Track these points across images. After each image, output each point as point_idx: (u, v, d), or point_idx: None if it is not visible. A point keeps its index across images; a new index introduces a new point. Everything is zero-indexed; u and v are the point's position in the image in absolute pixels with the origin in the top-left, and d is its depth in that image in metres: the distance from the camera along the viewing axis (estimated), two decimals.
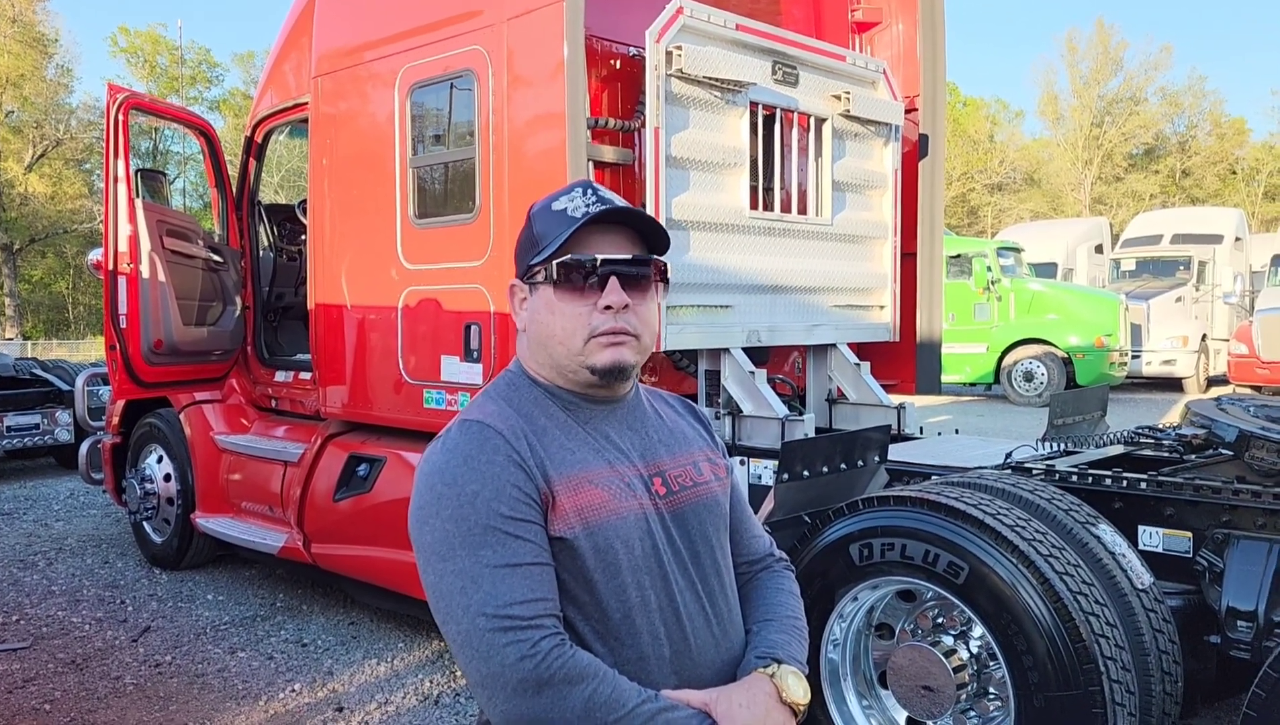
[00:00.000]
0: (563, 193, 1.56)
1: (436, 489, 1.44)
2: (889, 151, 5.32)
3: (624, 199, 1.59)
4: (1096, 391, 5.05)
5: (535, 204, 1.61)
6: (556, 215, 1.53)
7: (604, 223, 1.52)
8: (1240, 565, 3.03)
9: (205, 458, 6.12)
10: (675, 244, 4.30)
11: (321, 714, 4.30)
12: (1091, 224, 24.00)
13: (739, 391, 4.52)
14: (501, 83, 4.30)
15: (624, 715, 1.35)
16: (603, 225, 1.52)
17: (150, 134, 42.73)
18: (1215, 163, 49.20)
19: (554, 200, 1.56)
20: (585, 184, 1.56)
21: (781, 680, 1.51)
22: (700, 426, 1.75)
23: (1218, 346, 17.91)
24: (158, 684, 4.62)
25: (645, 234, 1.57)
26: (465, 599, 1.38)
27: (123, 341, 5.39)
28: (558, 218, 1.53)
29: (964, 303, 15.92)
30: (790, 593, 1.73)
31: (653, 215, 4.15)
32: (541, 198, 1.61)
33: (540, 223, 1.56)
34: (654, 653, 1.47)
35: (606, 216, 1.51)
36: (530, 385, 1.58)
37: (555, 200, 1.56)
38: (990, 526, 2.92)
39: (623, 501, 1.49)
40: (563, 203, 1.54)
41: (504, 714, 1.36)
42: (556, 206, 1.54)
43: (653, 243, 1.57)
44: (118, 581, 6.29)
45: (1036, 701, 2.81)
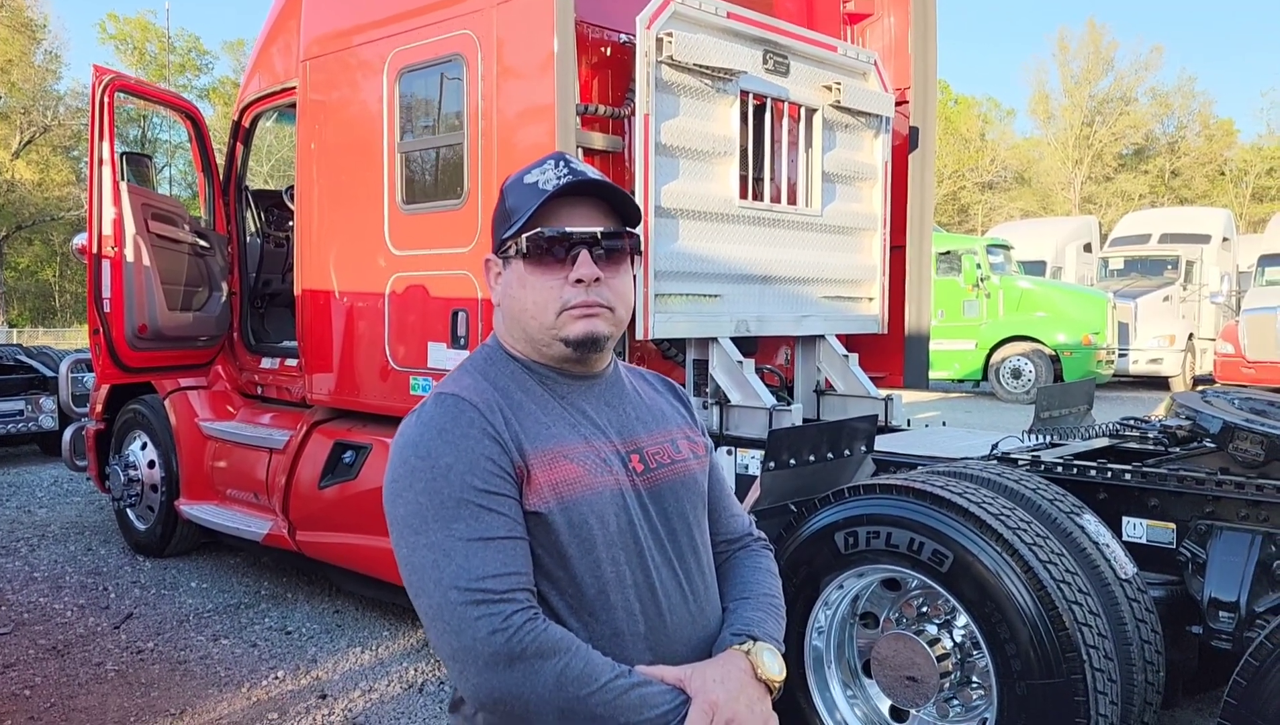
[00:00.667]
0: (535, 165, 1.55)
1: (410, 462, 1.43)
2: (879, 143, 5.32)
3: (597, 171, 1.57)
4: (1083, 385, 5.06)
5: (508, 177, 1.59)
6: (528, 188, 1.52)
7: (575, 195, 1.51)
8: (1222, 556, 3.04)
9: (190, 444, 6.08)
10: (664, 232, 4.29)
11: (305, 701, 4.28)
12: (1080, 223, 24.07)
13: (727, 381, 4.51)
14: (491, 68, 4.28)
15: (596, 689, 1.34)
16: (574, 197, 1.51)
17: (139, 121, 42.47)
18: (1204, 164, 49.37)
19: (526, 173, 1.55)
20: (558, 156, 1.55)
21: (757, 657, 1.50)
22: (680, 405, 1.74)
23: (1204, 346, 17.98)
24: (139, 670, 4.59)
25: (617, 206, 1.55)
26: (437, 572, 1.36)
27: (106, 326, 5.35)
28: (529, 190, 1.51)
29: (953, 299, 15.94)
30: (768, 571, 1.72)
31: (642, 200, 4.16)
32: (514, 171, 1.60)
33: (512, 196, 1.54)
34: (629, 628, 1.47)
35: (576, 189, 1.50)
36: (507, 360, 1.57)
37: (527, 173, 1.54)
38: (975, 515, 2.92)
39: (598, 477, 1.48)
40: (534, 175, 1.52)
41: (475, 688, 1.35)
42: (528, 179, 1.53)
43: (625, 215, 1.56)
44: (100, 568, 6.25)
45: (1019, 689, 2.81)
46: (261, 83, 5.89)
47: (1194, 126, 50.59)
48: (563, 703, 1.33)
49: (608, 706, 1.35)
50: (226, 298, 6.04)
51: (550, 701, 1.33)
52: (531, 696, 1.33)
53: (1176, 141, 50.27)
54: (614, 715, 1.35)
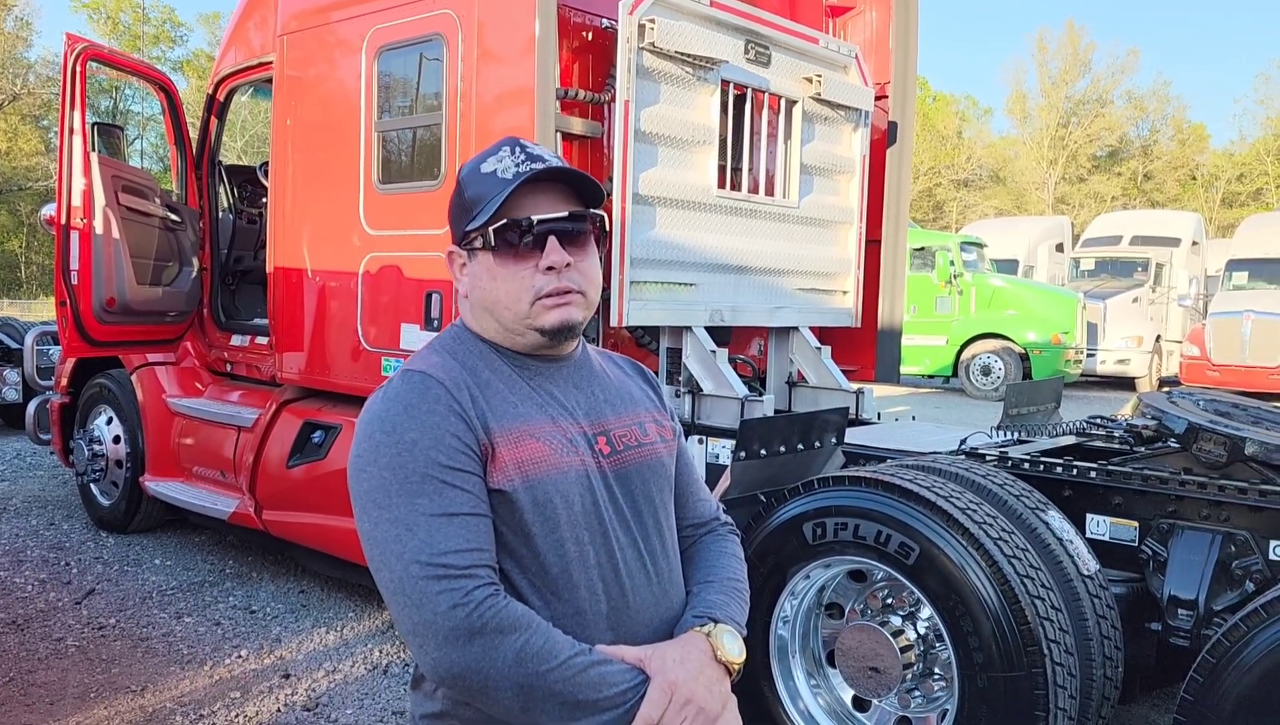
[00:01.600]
0: (490, 153, 1.53)
1: (375, 437, 1.43)
2: (858, 137, 5.33)
3: (553, 153, 1.56)
4: (1051, 383, 5.12)
5: (463, 166, 1.58)
6: (487, 177, 1.50)
7: (536, 181, 1.50)
8: (1183, 555, 3.09)
9: (157, 420, 6.02)
10: (641, 220, 4.29)
11: (268, 680, 4.26)
12: (1053, 222, 24.29)
13: (700, 370, 4.52)
14: (471, 49, 4.25)
15: (555, 666, 1.35)
16: (535, 183, 1.50)
17: (111, 92, 41.78)
18: (1176, 168, 49.94)
19: (482, 161, 1.53)
20: (513, 142, 1.53)
21: (717, 639, 1.51)
22: (649, 388, 1.75)
23: (1171, 348, 18.22)
24: (100, 646, 4.55)
25: (577, 187, 1.54)
26: (399, 546, 1.37)
27: (74, 298, 5.27)
28: (488, 180, 1.50)
29: (926, 295, 16.04)
30: (733, 555, 1.73)
31: (620, 186, 4.16)
32: (469, 159, 1.59)
33: (471, 187, 1.53)
34: (591, 608, 1.47)
35: (538, 175, 1.49)
36: (475, 340, 1.57)
37: (483, 161, 1.53)
38: (942, 509, 2.94)
39: (564, 457, 1.48)
40: (491, 164, 1.51)
41: (434, 662, 1.35)
42: (485, 168, 1.52)
43: (586, 196, 1.55)
44: (63, 543, 6.18)
45: (980, 682, 2.85)
46: (237, 56, 5.81)
47: (1167, 131, 51.19)
48: (522, 679, 1.34)
49: (567, 683, 1.35)
50: (197, 273, 5.97)
51: (509, 677, 1.34)
52: (491, 671, 1.34)
53: (1150, 145, 50.81)
54: (573, 692, 1.35)
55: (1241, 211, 40.82)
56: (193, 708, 3.98)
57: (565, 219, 1.50)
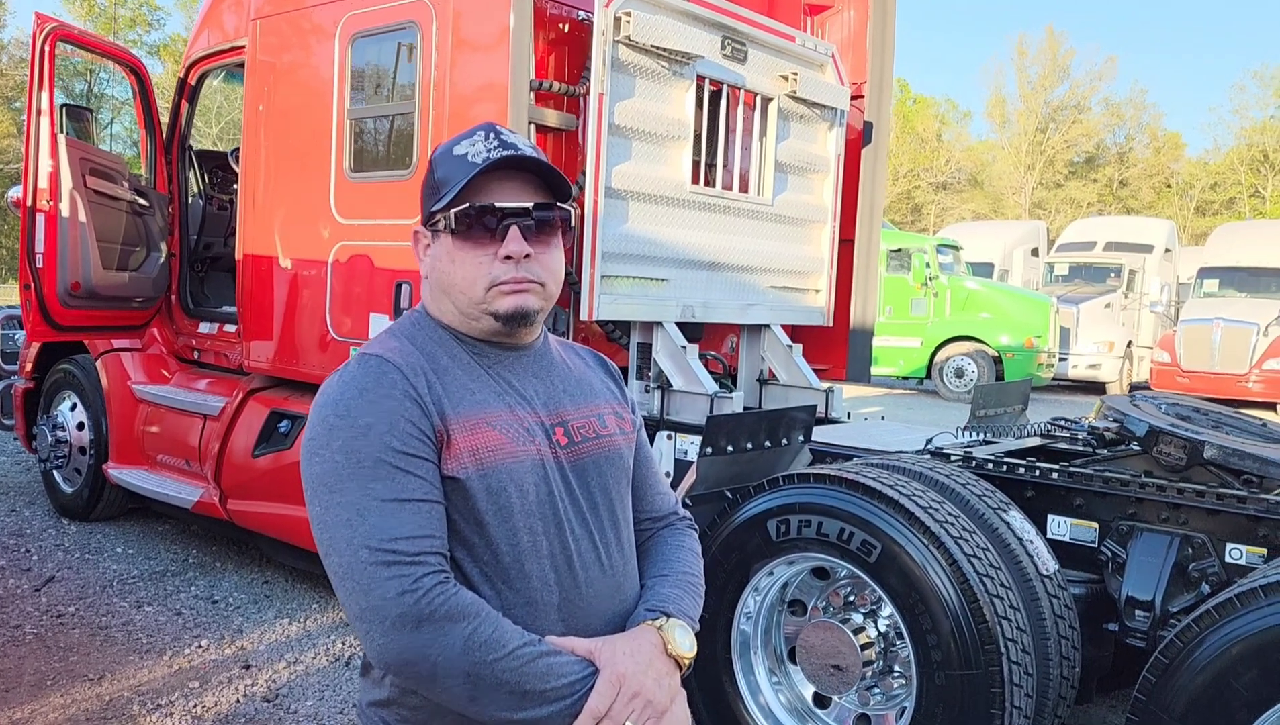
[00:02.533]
0: (465, 136, 1.52)
1: (329, 421, 1.41)
2: (833, 136, 5.34)
3: (530, 143, 1.55)
4: (1019, 385, 5.15)
5: (437, 147, 1.57)
6: (457, 160, 1.49)
7: (506, 168, 1.49)
8: (1141, 556, 3.12)
9: (121, 407, 5.95)
10: (613, 213, 4.27)
11: (228, 671, 4.22)
12: (1029, 227, 24.45)
13: (670, 365, 4.51)
14: (445, 38, 4.22)
15: (503, 656, 1.34)
16: (504, 171, 1.49)
17: (86, 75, 41.24)
18: (1152, 175, 50.41)
19: (455, 144, 1.52)
20: (489, 127, 1.52)
21: (668, 633, 1.51)
22: (610, 380, 1.74)
23: (1142, 353, 18.41)
24: (59, 634, 4.49)
25: (548, 179, 1.53)
26: (350, 531, 1.35)
27: (38, 282, 5.20)
28: (458, 163, 1.49)
29: (901, 297, 16.12)
30: (690, 549, 1.72)
31: (593, 180, 4.14)
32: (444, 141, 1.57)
33: (441, 168, 1.52)
34: (543, 599, 1.47)
35: (507, 162, 1.48)
36: (435, 327, 1.55)
37: (457, 144, 1.52)
38: (904, 507, 2.95)
39: (520, 446, 1.47)
40: (464, 147, 1.50)
41: (381, 649, 1.34)
42: (458, 151, 1.50)
43: (556, 189, 1.54)
44: (23, 530, 6.10)
45: (938, 679, 2.86)
46: (210, 39, 5.75)
47: (1143, 138, 51.67)
48: (469, 667, 1.33)
49: (514, 673, 1.34)
50: (165, 259, 5.90)
51: (456, 665, 1.32)
52: (438, 659, 1.32)
53: (1126, 152, 51.28)
54: (520, 682, 1.35)
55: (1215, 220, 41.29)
56: (150, 697, 3.94)
57: (529, 210, 1.49)
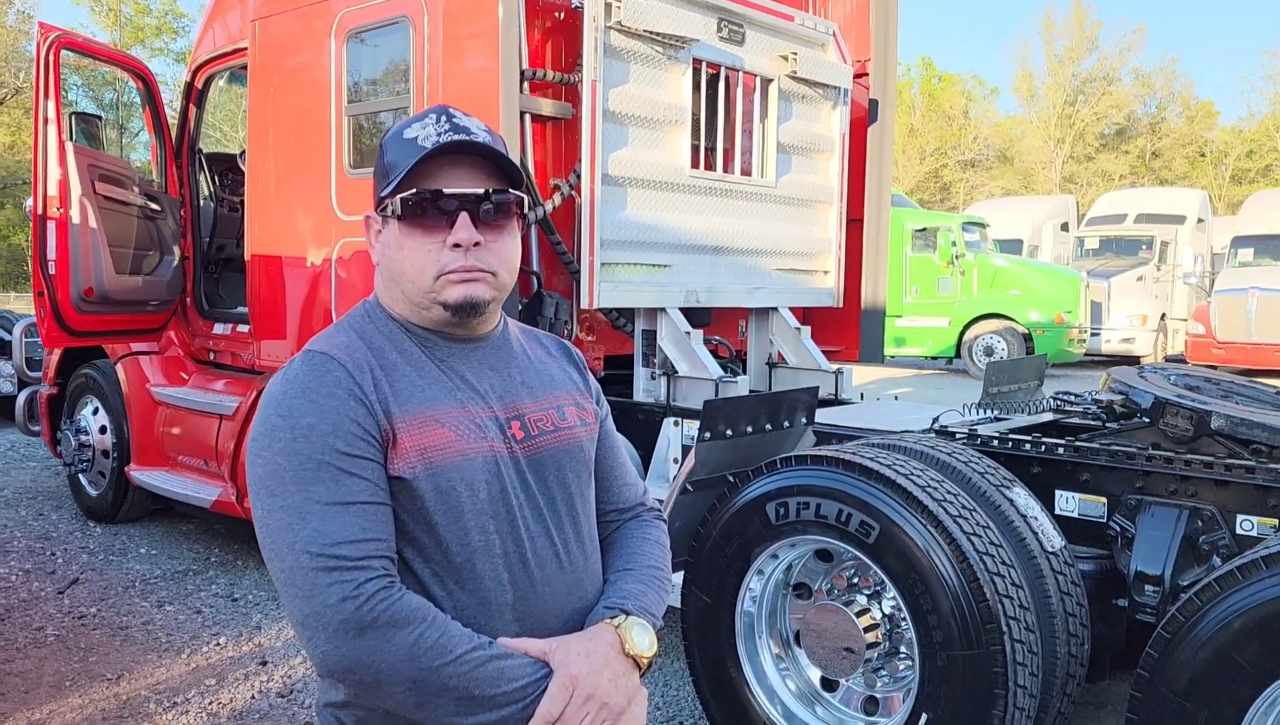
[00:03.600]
0: (417, 119, 1.47)
1: (272, 421, 1.38)
2: (836, 115, 5.28)
3: (485, 127, 1.50)
4: (1034, 361, 5.06)
5: (389, 130, 1.53)
6: (406, 144, 1.44)
7: (456, 153, 1.44)
8: (1150, 530, 3.05)
9: (141, 410, 6.02)
10: (612, 201, 4.25)
11: (245, 668, 4.26)
12: (1058, 201, 24.11)
13: (675, 351, 4.48)
14: (437, 31, 4.21)
15: (450, 661, 1.31)
16: (455, 155, 1.44)
17: (113, 85, 41.77)
18: (1185, 145, 49.47)
19: (406, 127, 1.47)
20: (441, 110, 1.47)
21: (626, 631, 1.46)
22: (573, 369, 1.69)
23: (1176, 326, 18.09)
24: (80, 635, 4.56)
25: (501, 165, 1.48)
26: (291, 535, 1.32)
27: (51, 288, 5.26)
28: (407, 146, 1.44)
29: (928, 276, 15.94)
30: (655, 542, 1.67)
31: (589, 167, 4.11)
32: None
33: (391, 151, 1.47)
34: (496, 598, 1.43)
35: (457, 147, 1.43)
36: (386, 319, 1.51)
37: (407, 127, 1.47)
38: (901, 486, 2.91)
39: (470, 443, 1.43)
40: (414, 130, 1.45)
41: (324, 656, 1.31)
42: (408, 134, 1.45)
43: (509, 175, 1.49)
44: (50, 533, 6.20)
45: (940, 660, 2.82)
46: (215, 42, 5.79)
47: (1175, 108, 50.69)
48: (414, 674, 1.30)
49: (462, 679, 1.31)
50: (178, 262, 5.96)
51: (401, 672, 1.29)
52: (382, 666, 1.29)
53: (1158, 122, 50.34)
54: (469, 688, 1.31)
55: (1251, 188, 40.44)
56: (168, 695, 3.98)
57: (478, 196, 1.44)
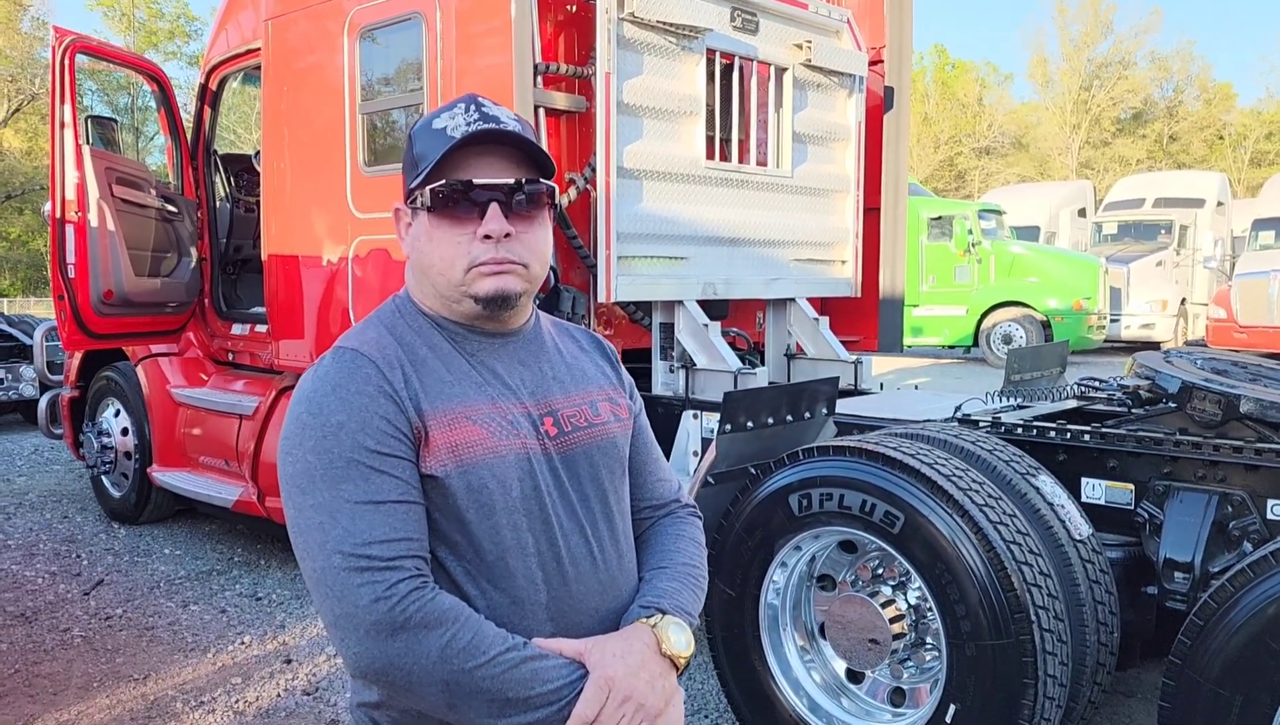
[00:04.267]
0: (446, 109, 1.44)
1: (302, 418, 1.36)
2: (852, 103, 5.24)
3: (515, 116, 1.46)
4: (1055, 348, 5.02)
5: (417, 121, 1.50)
6: (435, 134, 1.42)
7: (486, 142, 1.41)
8: (1179, 516, 3.01)
9: (162, 411, 6.05)
10: (627, 193, 4.23)
11: (269, 666, 4.27)
12: (1075, 187, 23.91)
13: (693, 344, 4.46)
14: (450, 27, 4.20)
15: (484, 662, 1.29)
16: (484, 145, 1.42)
17: (127, 89, 42.01)
18: (1203, 128, 48.99)
19: (435, 117, 1.44)
20: (470, 99, 1.44)
21: (663, 631, 1.43)
22: (606, 364, 1.66)
23: (1197, 311, 17.93)
24: (106, 636, 4.58)
25: (531, 155, 1.45)
26: (322, 535, 1.30)
27: (71, 292, 5.29)
28: (436, 137, 1.41)
29: (944, 265, 15.84)
30: (691, 539, 1.64)
31: (604, 161, 4.10)
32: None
33: (420, 142, 1.44)
34: (530, 598, 1.41)
35: (487, 136, 1.41)
36: (416, 314, 1.49)
37: (436, 117, 1.44)
38: (926, 476, 2.88)
39: (502, 440, 1.41)
40: (443, 120, 1.42)
41: (357, 657, 1.29)
42: (437, 125, 1.43)
43: (539, 164, 1.46)
44: (75, 536, 6.24)
45: (968, 650, 2.79)
46: (228, 43, 5.80)
47: (1192, 91, 50.19)
48: (447, 675, 1.28)
49: (495, 680, 1.29)
50: (196, 263, 5.98)
51: (433, 674, 1.28)
52: (414, 668, 1.27)
53: (1175, 106, 49.86)
54: (502, 689, 1.29)
55: (1271, 170, 39.98)
56: (194, 694, 4.00)
57: (509, 186, 1.41)
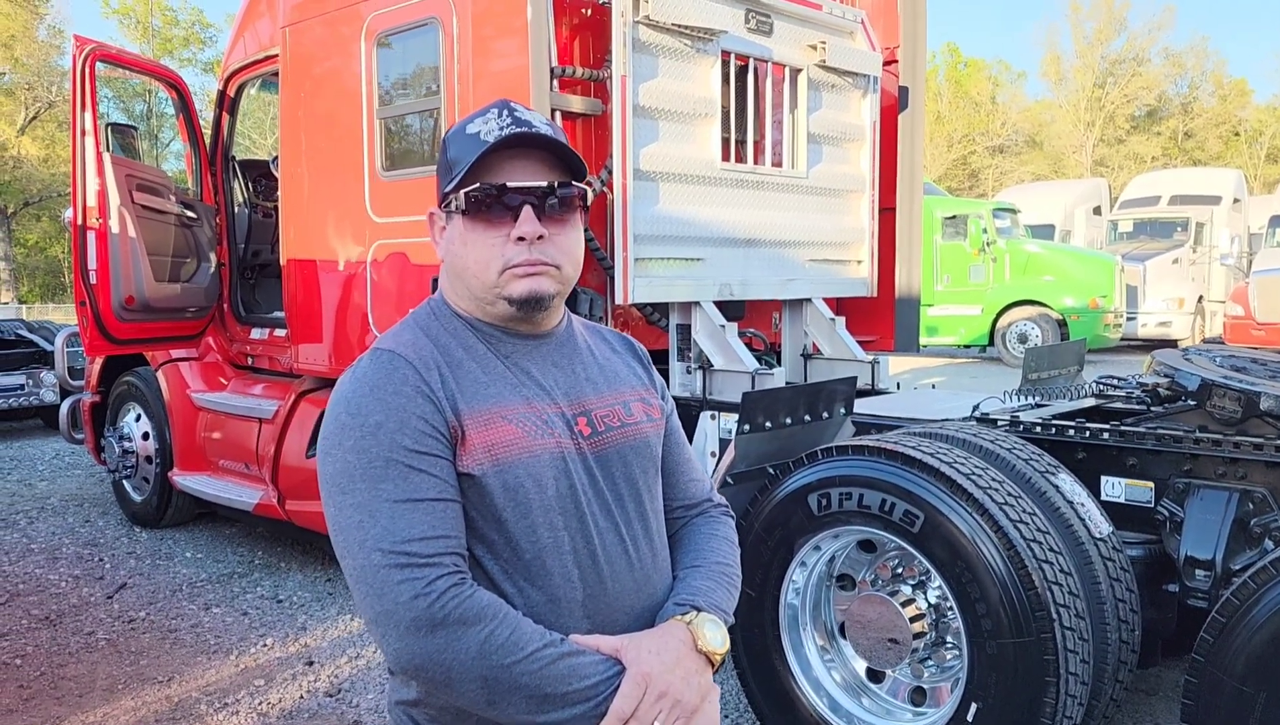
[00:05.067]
0: (479, 114, 1.47)
1: (341, 419, 1.39)
2: (867, 103, 5.24)
3: (546, 120, 1.49)
4: (1073, 346, 5.01)
5: (451, 127, 1.53)
6: (469, 139, 1.44)
7: (519, 146, 1.44)
8: (1199, 514, 3.01)
9: (182, 415, 6.10)
10: (643, 195, 4.25)
11: (292, 668, 4.31)
12: (1090, 185, 23.80)
13: (710, 345, 4.48)
14: (466, 31, 4.23)
15: (522, 658, 1.30)
16: (517, 149, 1.44)
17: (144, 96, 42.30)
18: (1218, 124, 48.70)
19: (469, 122, 1.47)
20: (503, 104, 1.47)
21: (698, 628, 1.45)
22: (638, 365, 1.68)
23: (1214, 308, 17.82)
24: (130, 639, 4.63)
25: (564, 158, 1.48)
26: (362, 533, 1.33)
27: (93, 298, 5.34)
28: (469, 141, 1.44)
29: (959, 264, 15.80)
30: (724, 538, 1.66)
31: (620, 163, 4.12)
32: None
33: (454, 147, 1.47)
34: (566, 595, 1.42)
35: (519, 140, 1.43)
36: (452, 316, 1.51)
37: (470, 122, 1.47)
38: (946, 474, 2.89)
39: (537, 439, 1.43)
40: (476, 125, 1.45)
41: (396, 653, 1.31)
42: (470, 129, 1.46)
43: (571, 167, 1.49)
44: (97, 540, 6.29)
45: (989, 649, 2.80)
46: (245, 50, 5.84)
47: (1207, 87, 49.88)
48: (486, 671, 1.29)
49: (533, 676, 1.31)
50: (215, 269, 6.03)
51: (473, 670, 1.29)
52: (454, 664, 1.29)
53: (1190, 102, 49.57)
54: (540, 685, 1.31)
55: None
56: (218, 696, 4.03)
57: (541, 189, 1.44)
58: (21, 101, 39.32)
